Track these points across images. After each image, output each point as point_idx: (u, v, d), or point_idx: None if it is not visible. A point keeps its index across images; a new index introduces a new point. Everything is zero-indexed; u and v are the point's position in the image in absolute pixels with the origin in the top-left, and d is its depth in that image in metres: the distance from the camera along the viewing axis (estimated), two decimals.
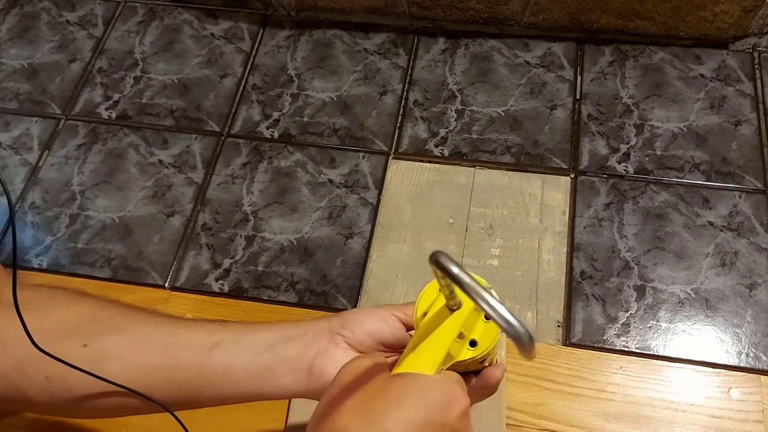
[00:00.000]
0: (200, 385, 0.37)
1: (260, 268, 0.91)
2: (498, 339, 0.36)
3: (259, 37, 1.14)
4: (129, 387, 0.35)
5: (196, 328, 0.39)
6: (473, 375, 0.39)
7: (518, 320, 0.26)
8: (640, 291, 0.85)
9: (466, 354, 0.35)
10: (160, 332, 0.38)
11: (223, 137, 1.04)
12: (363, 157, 1.00)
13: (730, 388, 0.78)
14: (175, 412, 0.37)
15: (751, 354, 0.79)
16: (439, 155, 0.99)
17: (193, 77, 1.11)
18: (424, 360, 0.32)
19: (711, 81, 1.01)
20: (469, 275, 0.28)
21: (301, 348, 0.37)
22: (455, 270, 0.27)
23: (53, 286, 0.41)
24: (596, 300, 0.85)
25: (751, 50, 1.03)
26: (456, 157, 0.98)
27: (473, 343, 0.35)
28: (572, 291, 0.86)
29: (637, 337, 0.82)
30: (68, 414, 0.42)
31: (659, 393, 0.79)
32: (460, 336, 0.35)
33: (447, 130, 1.01)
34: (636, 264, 0.87)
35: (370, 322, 0.38)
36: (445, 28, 1.11)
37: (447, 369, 0.35)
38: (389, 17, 1.12)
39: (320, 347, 0.37)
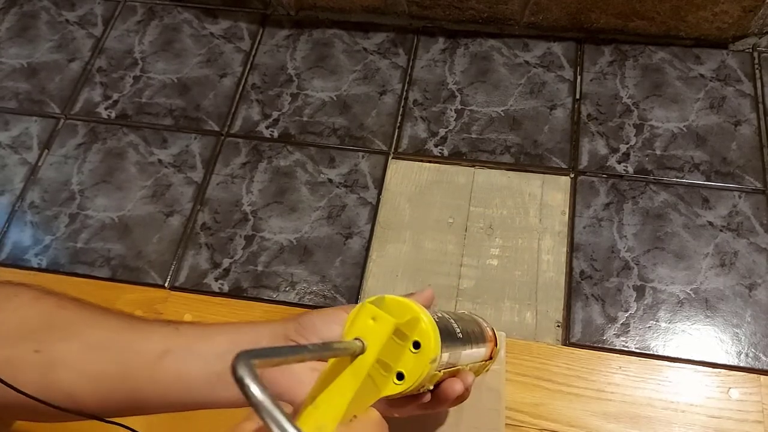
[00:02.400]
0: (150, 393, 0.37)
1: (260, 268, 0.91)
2: (429, 370, 0.32)
3: (259, 37, 1.14)
4: (75, 410, 0.35)
5: (151, 332, 0.38)
6: (428, 392, 0.36)
7: None
8: (640, 291, 0.85)
9: (393, 389, 0.32)
10: (114, 337, 0.38)
11: (223, 137, 1.04)
12: (362, 157, 1.00)
13: (730, 388, 0.78)
14: (130, 417, 0.37)
15: (751, 354, 0.79)
16: (439, 155, 0.99)
17: (192, 77, 1.10)
18: (324, 414, 0.29)
19: (711, 81, 1.01)
20: (268, 398, 0.22)
21: None
22: (253, 391, 0.22)
23: (17, 284, 0.40)
24: (596, 300, 0.85)
25: (751, 50, 1.03)
26: (455, 157, 0.98)
27: (400, 376, 0.32)
28: (572, 291, 0.86)
29: (637, 337, 0.82)
30: (16, 416, 0.42)
31: (659, 393, 0.79)
32: (386, 368, 0.32)
33: (446, 129, 1.01)
34: (636, 264, 0.87)
35: (326, 329, 0.37)
36: (445, 28, 1.11)
37: (380, 401, 0.32)
38: (389, 17, 1.12)
39: None
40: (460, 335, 0.39)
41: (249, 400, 0.22)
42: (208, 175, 1.00)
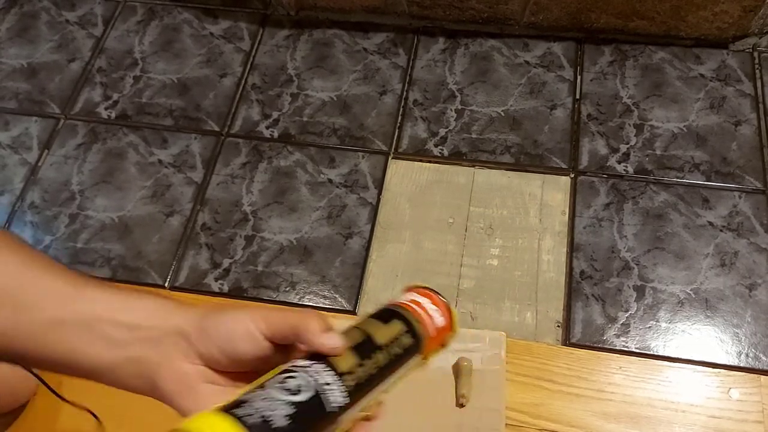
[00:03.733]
0: (40, 361, 0.34)
1: (260, 268, 0.91)
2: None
3: (259, 37, 1.14)
4: None
5: (47, 292, 0.34)
6: None
7: None
8: (640, 291, 0.85)
9: None
10: (18, 288, 0.34)
11: (223, 137, 1.04)
12: (362, 157, 1.00)
13: (730, 388, 0.78)
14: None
15: (751, 354, 0.79)
16: (439, 155, 0.99)
17: (192, 77, 1.10)
18: None
19: (711, 81, 1.01)
20: None
21: (151, 352, 0.33)
22: None
23: None
24: (596, 300, 0.85)
25: (751, 50, 1.03)
26: (455, 157, 0.98)
27: None
28: (572, 291, 0.86)
29: (637, 337, 0.82)
30: None
31: (659, 393, 0.79)
32: None
33: (447, 129, 1.01)
34: (636, 264, 0.87)
35: (230, 341, 0.33)
36: (445, 28, 1.11)
37: None
38: (389, 17, 1.12)
39: (170, 356, 0.33)
40: (336, 408, 0.31)
41: None
42: (208, 176, 1.00)
